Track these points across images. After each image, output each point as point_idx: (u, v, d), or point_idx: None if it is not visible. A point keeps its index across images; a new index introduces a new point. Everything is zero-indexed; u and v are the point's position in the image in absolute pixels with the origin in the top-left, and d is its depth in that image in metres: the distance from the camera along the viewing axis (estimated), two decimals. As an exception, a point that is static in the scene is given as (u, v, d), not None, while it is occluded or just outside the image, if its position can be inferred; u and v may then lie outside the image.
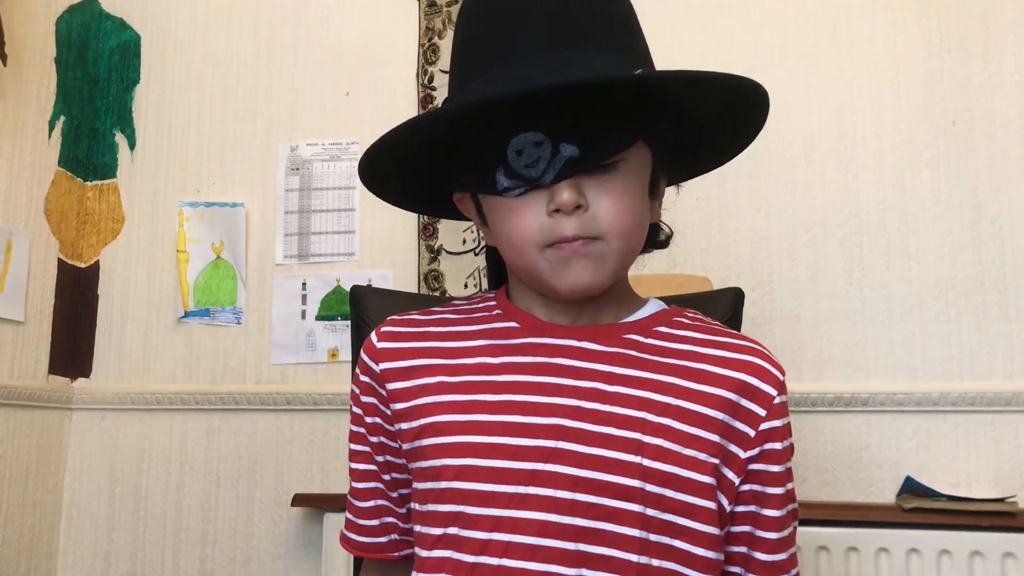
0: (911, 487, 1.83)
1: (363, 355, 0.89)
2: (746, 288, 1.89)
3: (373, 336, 0.89)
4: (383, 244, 2.20)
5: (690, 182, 0.95)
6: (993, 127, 1.95)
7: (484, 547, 0.77)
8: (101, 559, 2.21)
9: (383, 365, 0.87)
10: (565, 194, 0.77)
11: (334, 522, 1.96)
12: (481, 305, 0.91)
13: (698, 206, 2.03)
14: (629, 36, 0.82)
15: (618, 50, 0.80)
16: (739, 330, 1.15)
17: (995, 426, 1.86)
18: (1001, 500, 1.76)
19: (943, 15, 2.01)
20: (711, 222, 2.03)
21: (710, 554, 0.79)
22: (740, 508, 0.82)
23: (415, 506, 0.85)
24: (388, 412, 0.87)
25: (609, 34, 0.80)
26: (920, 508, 1.75)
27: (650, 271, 2.02)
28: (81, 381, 2.28)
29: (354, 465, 0.92)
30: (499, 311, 0.88)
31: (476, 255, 2.12)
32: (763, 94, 0.81)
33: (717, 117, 0.86)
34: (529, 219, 0.79)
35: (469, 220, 0.92)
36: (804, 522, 1.79)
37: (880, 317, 1.94)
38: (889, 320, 1.94)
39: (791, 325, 1.98)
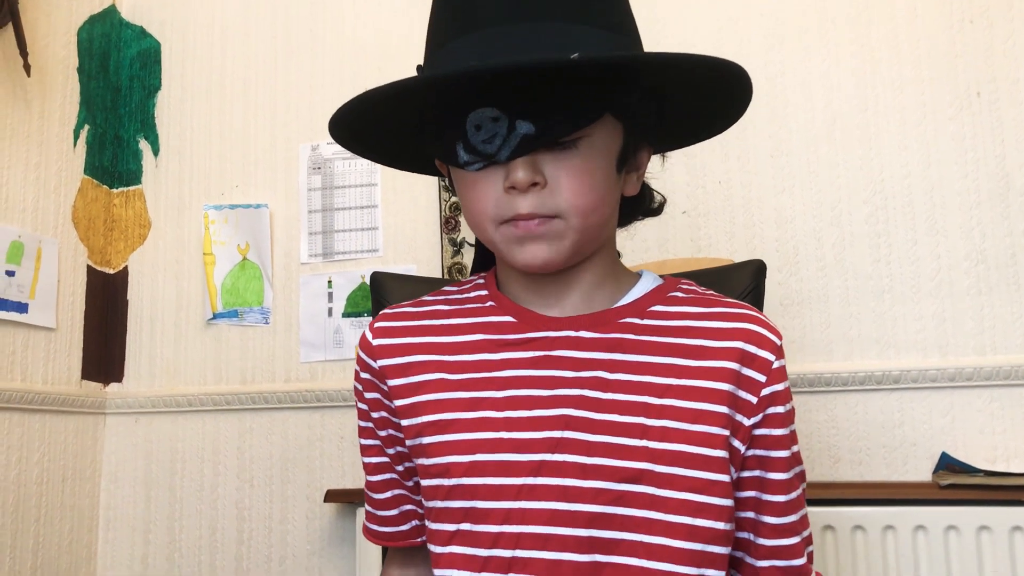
0: (947, 463, 1.81)
1: (360, 352, 0.89)
2: (772, 269, 1.87)
3: (368, 332, 0.89)
4: (406, 239, 2.21)
5: (710, 164, 0.94)
6: (1019, 95, 1.91)
7: (496, 540, 0.78)
8: (139, 560, 2.24)
9: (381, 362, 0.87)
10: (520, 173, 0.76)
11: (367, 517, 1.97)
12: (473, 295, 0.90)
13: (720, 188, 2.00)
14: (607, 5, 0.80)
15: (590, 21, 0.77)
16: (762, 306, 1.15)
17: (1031, 399, 1.83)
18: (1040, 474, 1.73)
19: (963, -15, 1.97)
20: (734, 204, 2.01)
21: (728, 527, 0.79)
22: (745, 474, 0.82)
23: (424, 502, 0.85)
24: (392, 406, 0.87)
25: (582, 4, 0.77)
26: (957, 484, 1.73)
27: (674, 255, 2.02)
28: (113, 386, 2.31)
29: (367, 459, 0.93)
30: (492, 303, 0.87)
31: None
32: (739, 73, 0.78)
33: (696, 95, 0.83)
34: (487, 194, 0.79)
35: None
36: (839, 502, 1.78)
37: (909, 293, 1.92)
38: (918, 296, 1.91)
39: (819, 304, 1.96)
